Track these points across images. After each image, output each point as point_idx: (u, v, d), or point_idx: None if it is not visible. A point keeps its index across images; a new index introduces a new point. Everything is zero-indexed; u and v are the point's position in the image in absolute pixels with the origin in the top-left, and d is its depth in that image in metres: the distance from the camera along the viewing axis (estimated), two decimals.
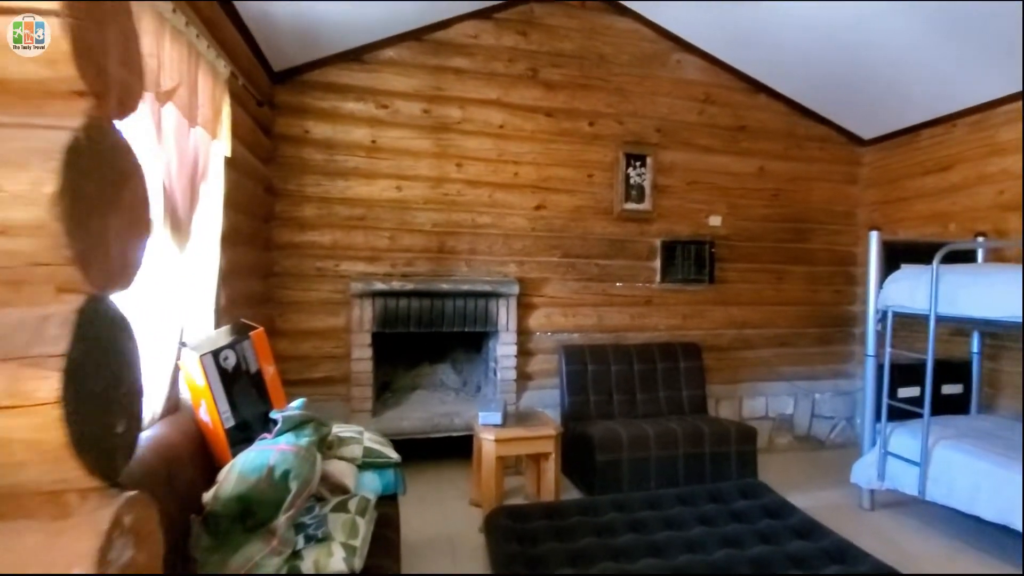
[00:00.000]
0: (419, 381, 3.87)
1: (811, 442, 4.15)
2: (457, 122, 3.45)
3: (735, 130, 3.96)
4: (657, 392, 3.59)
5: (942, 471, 2.68)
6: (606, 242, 3.74)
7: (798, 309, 4.14)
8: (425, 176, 3.41)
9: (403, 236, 3.39)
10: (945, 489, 2.66)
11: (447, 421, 3.33)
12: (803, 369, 4.16)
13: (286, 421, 1.68)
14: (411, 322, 3.31)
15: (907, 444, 2.88)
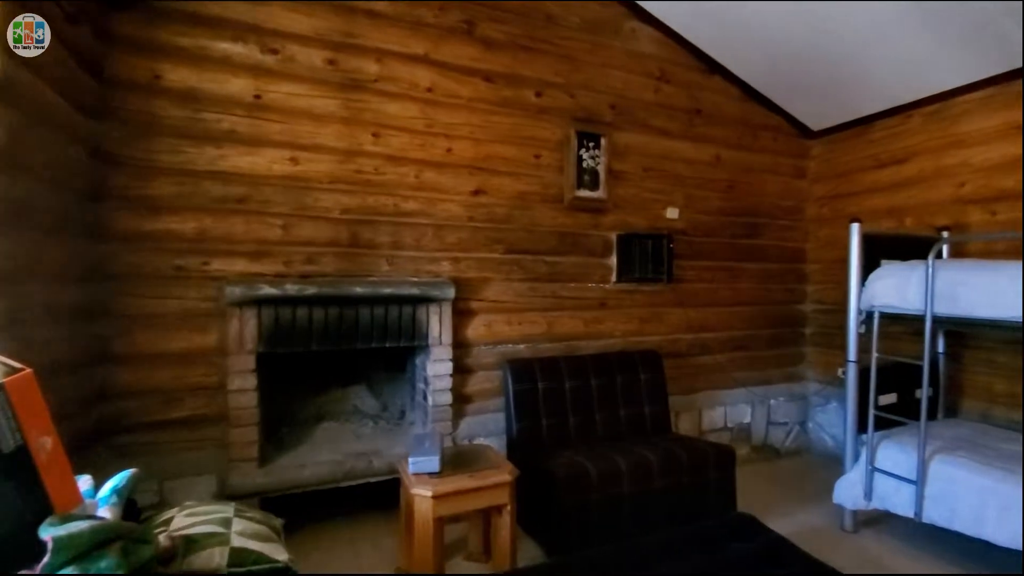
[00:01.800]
0: (327, 410, 3.06)
1: (768, 451, 3.87)
2: (373, 80, 2.70)
3: (691, 113, 3.57)
4: (617, 410, 3.07)
5: (942, 490, 2.39)
6: (556, 235, 3.17)
7: (752, 309, 3.85)
8: (331, 147, 2.62)
9: (301, 225, 2.58)
10: (947, 510, 2.37)
11: (363, 464, 2.57)
12: (758, 373, 3.87)
13: (62, 548, 0.89)
14: (313, 338, 2.51)
15: (897, 459, 2.58)
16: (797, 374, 4.05)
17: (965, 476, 2.34)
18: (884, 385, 2.78)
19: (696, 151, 3.59)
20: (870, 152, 3.66)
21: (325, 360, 2.93)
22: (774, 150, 3.91)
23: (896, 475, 2.55)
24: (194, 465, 2.36)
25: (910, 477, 2.49)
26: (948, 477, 2.38)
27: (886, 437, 2.70)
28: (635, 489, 2.49)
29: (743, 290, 3.80)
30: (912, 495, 2.48)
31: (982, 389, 3.08)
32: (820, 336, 3.99)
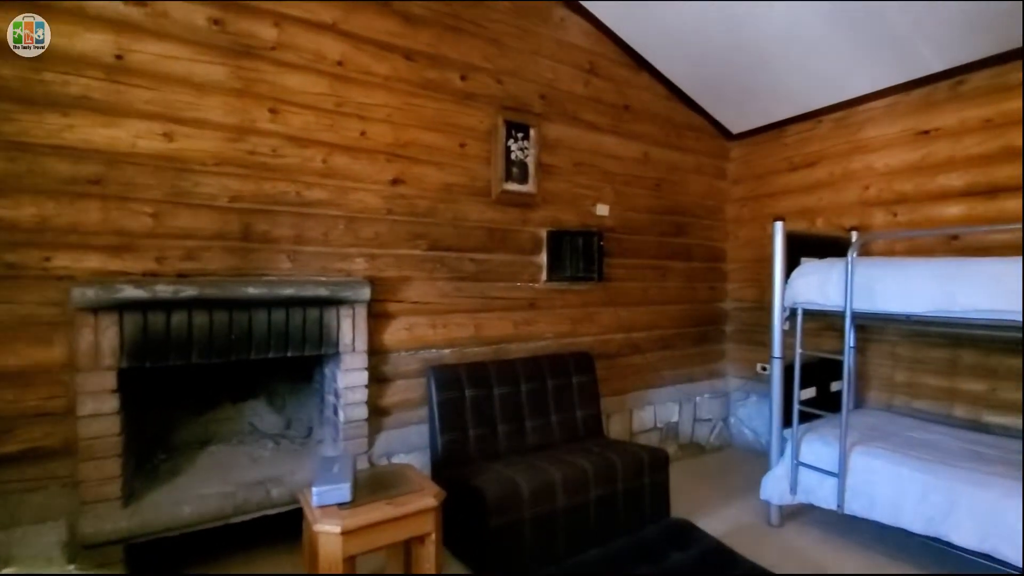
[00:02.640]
0: (216, 430, 2.63)
1: (694, 448, 3.89)
2: (270, 47, 2.32)
3: (620, 109, 3.50)
4: (549, 416, 2.91)
5: (861, 481, 2.45)
6: (484, 231, 2.94)
7: (680, 308, 3.86)
8: (217, 123, 2.22)
9: (178, 214, 2.15)
10: (866, 501, 2.42)
11: (260, 494, 2.20)
12: (684, 371, 3.89)
13: None
14: (195, 348, 2.10)
15: (819, 452, 2.62)
16: (719, 371, 4.13)
17: (882, 467, 2.40)
18: (804, 380, 2.83)
19: (625, 148, 3.52)
20: (784, 155, 3.78)
21: (213, 372, 2.51)
22: (697, 150, 3.95)
23: (820, 469, 2.59)
24: (35, 510, 1.88)
25: (832, 470, 2.53)
26: (867, 468, 2.44)
27: (809, 431, 2.74)
28: (570, 502, 2.33)
29: (671, 289, 3.80)
30: (834, 488, 2.52)
31: (885, 380, 3.25)
32: (740, 333, 4.09)
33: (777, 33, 2.98)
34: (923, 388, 3.08)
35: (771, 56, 3.18)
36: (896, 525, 2.34)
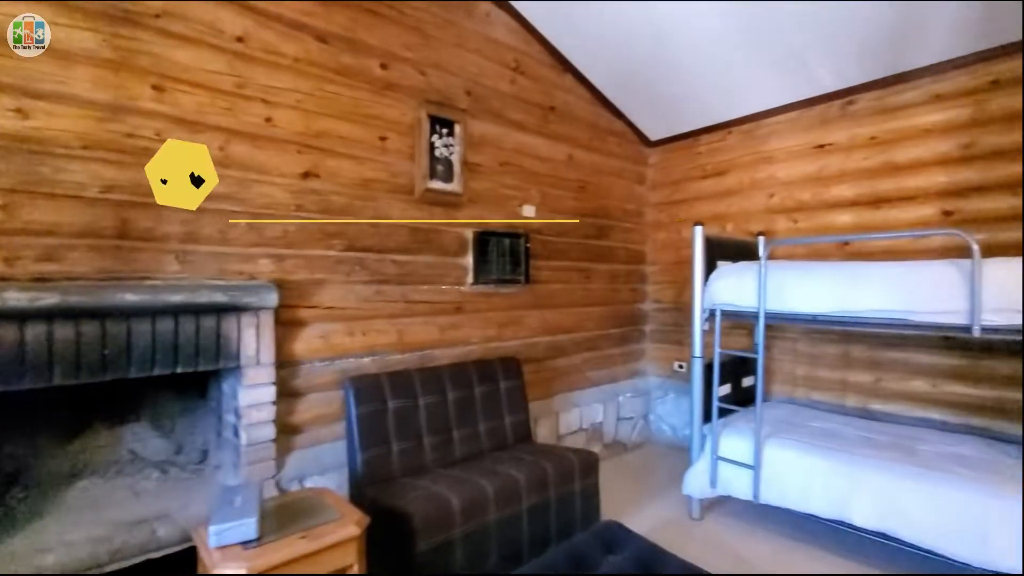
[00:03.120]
0: (88, 460, 2.23)
1: (617, 446, 3.96)
2: (154, 15, 2.00)
3: (546, 110, 3.47)
4: (477, 425, 2.80)
5: (774, 471, 2.58)
6: (407, 231, 2.77)
7: (603, 309, 3.91)
8: (86, 99, 1.87)
9: (34, 205, 1.79)
10: (779, 490, 2.56)
11: (143, 535, 1.88)
12: (608, 372, 3.95)
13: None
14: (57, 367, 1.74)
15: (737, 446, 2.74)
16: (640, 370, 4.24)
17: (792, 457, 2.55)
18: (721, 378, 2.96)
19: (551, 149, 3.50)
20: (698, 163, 3.96)
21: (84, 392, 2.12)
22: (619, 155, 4.03)
23: (737, 462, 2.70)
24: None
25: (748, 463, 2.65)
26: (779, 459, 2.58)
27: (726, 426, 2.86)
28: (503, 514, 2.23)
29: (595, 291, 3.83)
30: (751, 479, 2.64)
31: (788, 374, 3.50)
32: (659, 333, 4.23)
33: (693, 46, 3.09)
34: (820, 381, 3.34)
35: (687, 68, 3.30)
36: (805, 511, 2.49)
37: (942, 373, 2.86)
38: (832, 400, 3.28)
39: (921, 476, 2.22)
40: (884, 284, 2.21)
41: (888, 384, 3.06)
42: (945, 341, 2.83)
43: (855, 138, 3.16)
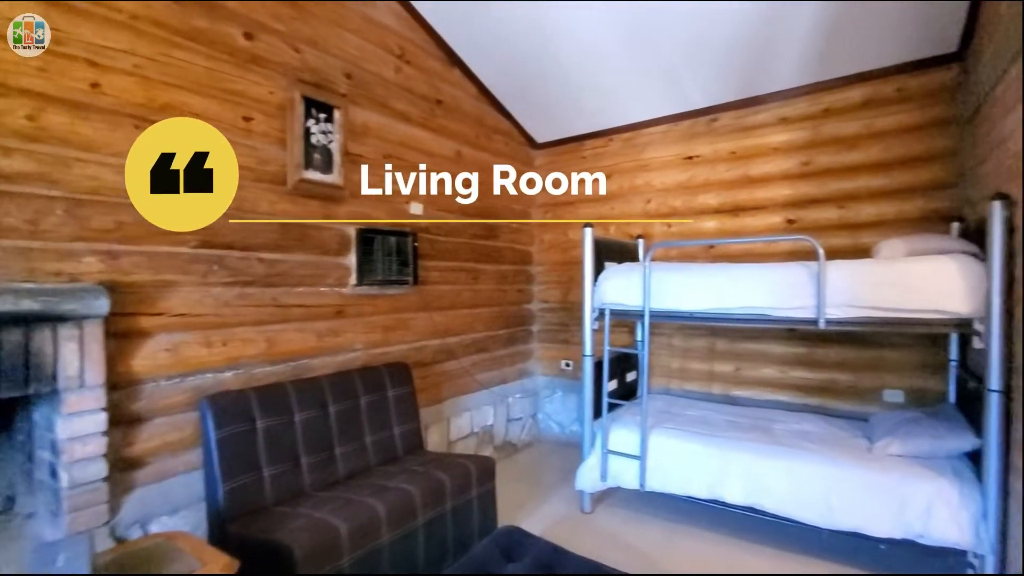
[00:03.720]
0: None
1: (507, 448, 3.95)
2: None
3: (432, 103, 3.32)
4: (363, 438, 2.57)
5: (658, 460, 2.73)
6: (277, 226, 2.45)
7: (492, 310, 3.87)
8: None
9: None
10: (662, 477, 2.71)
11: None
12: (497, 373, 3.91)
13: None
14: None
15: (624, 439, 2.85)
16: (528, 370, 4.27)
17: (674, 445, 2.71)
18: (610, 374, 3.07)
19: (438, 144, 3.36)
20: (582, 167, 4.10)
21: None
22: (506, 154, 4.02)
23: (625, 454, 2.81)
24: None
25: (635, 454, 2.77)
26: (662, 448, 2.74)
27: (614, 420, 2.97)
28: (397, 533, 2.05)
29: (483, 292, 3.77)
30: (638, 469, 2.76)
31: (664, 368, 3.75)
32: (546, 333, 4.30)
33: (580, 53, 3.17)
34: (691, 372, 3.63)
35: (574, 73, 3.38)
36: (686, 495, 2.66)
37: (788, 361, 3.27)
38: (701, 389, 3.58)
39: (779, 454, 2.48)
40: (750, 284, 2.44)
41: (746, 372, 3.42)
42: (790, 332, 3.23)
43: (718, 152, 3.49)
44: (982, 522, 2.03)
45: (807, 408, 3.19)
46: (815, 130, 3.16)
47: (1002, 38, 2.07)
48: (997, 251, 1.97)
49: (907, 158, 2.92)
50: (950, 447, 2.26)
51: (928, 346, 2.87)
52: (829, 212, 3.12)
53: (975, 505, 2.06)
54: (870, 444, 2.50)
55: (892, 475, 2.23)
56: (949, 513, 2.09)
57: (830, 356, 3.14)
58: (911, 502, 2.16)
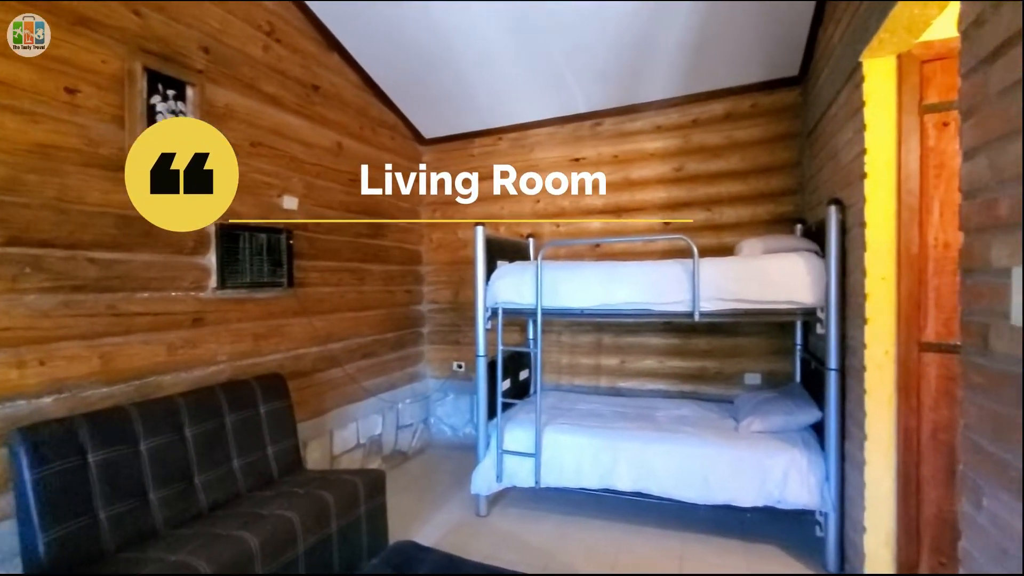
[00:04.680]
0: None
1: (398, 457, 3.76)
2: None
3: (308, 88, 3.05)
4: (230, 462, 2.26)
5: (552, 456, 2.76)
6: (114, 219, 2.06)
7: (379, 313, 3.66)
8: None
9: None
10: (556, 472, 2.75)
11: None
12: (385, 379, 3.71)
13: None
14: None
15: (519, 438, 2.85)
16: (419, 374, 4.12)
17: (566, 440, 2.76)
18: (504, 373, 3.05)
19: (316, 134, 3.09)
20: (472, 165, 4.04)
21: None
22: (392, 149, 3.83)
23: (520, 452, 2.80)
24: None
25: (530, 451, 2.77)
26: (555, 444, 2.77)
27: (508, 420, 2.95)
28: (275, 566, 1.82)
29: (369, 293, 3.56)
30: (532, 467, 2.77)
31: (554, 364, 3.83)
32: (436, 334, 4.18)
33: (470, 49, 3.11)
34: (580, 367, 3.75)
35: (464, 70, 3.32)
36: (579, 487, 2.72)
37: (666, 352, 3.51)
38: (589, 383, 3.71)
39: (662, 439, 2.64)
40: (634, 281, 2.56)
41: (630, 364, 3.61)
42: (666, 325, 3.47)
43: (602, 156, 3.64)
44: (826, 484, 2.33)
45: (683, 394, 3.44)
46: (685, 139, 3.43)
47: (835, 64, 2.39)
48: (834, 249, 2.26)
49: (760, 167, 3.28)
50: (800, 421, 2.56)
51: (778, 334, 3.25)
52: (698, 214, 3.40)
53: (820, 470, 2.35)
54: (736, 424, 2.76)
55: (756, 450, 2.47)
56: (800, 479, 2.36)
57: (700, 346, 3.42)
58: (771, 473, 2.40)
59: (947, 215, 1.94)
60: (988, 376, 1.18)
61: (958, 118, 2.02)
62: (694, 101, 3.38)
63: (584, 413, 3.10)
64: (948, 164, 1.93)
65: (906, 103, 1.96)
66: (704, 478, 2.49)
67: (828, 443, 2.31)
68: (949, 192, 1.94)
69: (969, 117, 1.26)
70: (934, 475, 1.96)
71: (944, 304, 1.94)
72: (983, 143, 1.21)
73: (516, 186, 3.88)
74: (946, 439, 1.95)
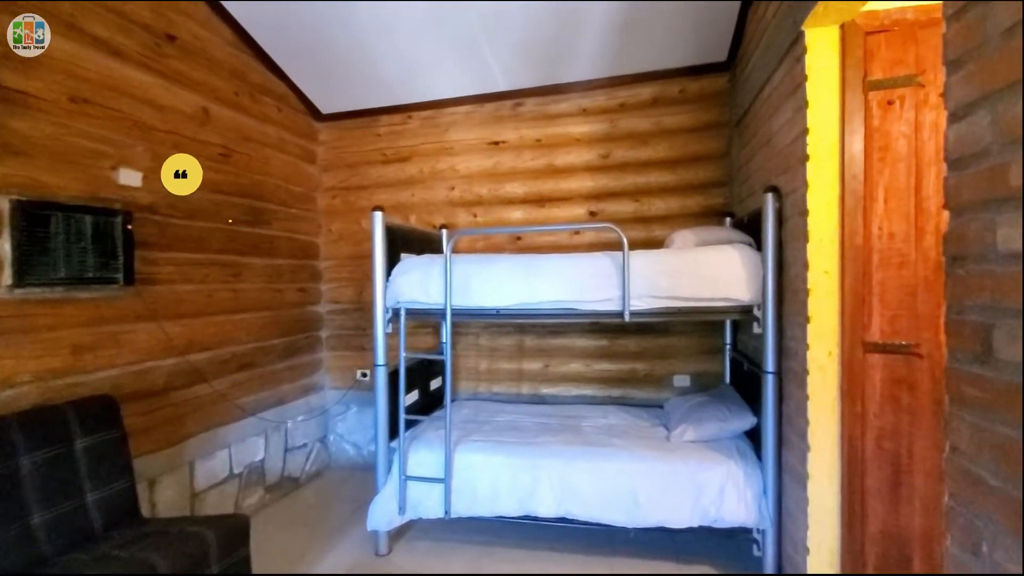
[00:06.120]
0: None
1: (287, 484, 3.20)
2: None
3: (161, 37, 2.44)
4: (26, 519, 1.66)
5: (464, 479, 2.38)
6: None
7: (262, 316, 3.08)
8: None
9: None
10: (469, 499, 2.37)
11: None
12: (271, 394, 3.14)
13: None
14: None
15: (426, 461, 2.43)
16: (315, 385, 3.57)
17: (481, 461, 2.39)
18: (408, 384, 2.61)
19: (172, 95, 2.49)
20: (378, 147, 3.56)
21: None
22: (280, 123, 3.27)
23: (427, 478, 2.39)
24: None
25: (439, 476, 2.37)
26: (468, 466, 2.39)
27: (414, 440, 2.52)
28: None
29: (249, 292, 2.98)
30: (442, 495, 2.37)
31: (471, 370, 3.44)
32: (337, 339, 3.65)
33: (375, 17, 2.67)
34: (500, 372, 3.39)
35: (369, 39, 2.86)
36: (496, 515, 2.36)
37: (592, 354, 3.24)
38: (511, 390, 3.36)
39: (587, 455, 2.33)
40: (558, 275, 2.23)
41: (554, 369, 3.30)
42: (593, 325, 3.20)
43: (524, 139, 3.30)
44: (763, 498, 2.12)
45: (611, 400, 3.19)
46: (612, 124, 3.17)
47: (769, 42, 2.19)
48: (771, 240, 2.06)
49: (689, 157, 3.09)
50: (734, 428, 2.36)
51: (708, 332, 3.08)
52: (626, 205, 3.15)
53: (758, 483, 2.14)
54: (668, 433, 2.52)
55: (690, 463, 2.23)
56: (737, 494, 2.14)
57: (629, 347, 3.18)
58: (706, 488, 2.17)
59: (892, 202, 1.77)
60: (990, 390, 0.94)
61: (903, 96, 1.92)
62: (621, 84, 3.13)
63: (503, 426, 2.74)
64: (892, 147, 1.77)
65: (850, 79, 1.78)
66: (634, 498, 2.21)
67: (766, 453, 2.11)
68: (893, 177, 1.77)
69: (958, 68, 1.02)
70: (879, 487, 1.80)
71: (889, 300, 1.77)
72: (981, 97, 0.96)
73: (428, 171, 3.46)
74: (891, 447, 1.79)
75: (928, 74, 1.73)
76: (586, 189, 3.21)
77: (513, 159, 3.32)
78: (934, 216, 1.73)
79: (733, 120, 2.93)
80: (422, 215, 3.48)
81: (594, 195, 3.20)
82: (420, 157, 3.48)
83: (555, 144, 3.25)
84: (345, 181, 3.62)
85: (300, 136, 3.47)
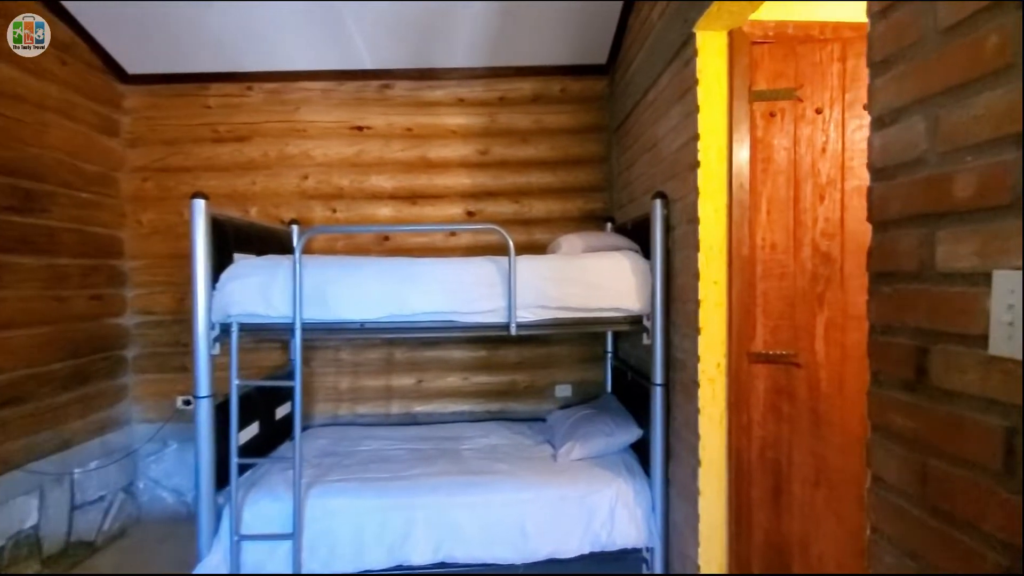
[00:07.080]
0: None
1: (76, 553, 2.43)
2: None
3: None
4: None
5: (320, 530, 1.96)
6: None
7: (36, 333, 2.29)
8: None
9: None
10: (326, 553, 1.95)
11: None
12: (49, 436, 2.36)
13: None
14: None
15: (268, 513, 1.97)
16: (116, 419, 2.79)
17: (341, 505, 1.99)
18: (245, 417, 2.10)
19: None
20: (208, 120, 2.91)
21: None
22: (66, 81, 2.48)
23: (270, 536, 1.91)
24: None
25: (286, 531, 1.91)
26: (325, 512, 1.98)
27: (253, 486, 2.02)
28: None
29: (14, 302, 2.18)
30: (290, 553, 1.91)
31: (331, 389, 2.97)
32: (148, 359, 2.89)
33: None
34: (365, 391, 2.97)
35: None
36: (360, 570, 1.96)
37: (470, 366, 2.97)
38: (378, 411, 2.96)
39: (468, 488, 2.07)
40: (434, 284, 1.92)
41: (429, 384, 2.97)
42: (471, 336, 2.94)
43: (393, 126, 2.93)
44: (652, 515, 2.04)
45: (491, 415, 2.96)
46: (492, 118, 2.95)
47: (656, 43, 2.13)
48: (659, 247, 1.99)
49: (570, 159, 2.98)
50: (620, 442, 2.27)
51: (588, 340, 3.00)
52: (505, 206, 2.95)
53: (646, 501, 2.06)
54: (554, 451, 2.35)
55: (579, 485, 2.08)
56: (628, 514, 2.04)
57: (510, 357, 2.98)
58: (597, 511, 2.04)
59: (774, 214, 1.79)
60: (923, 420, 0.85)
61: (783, 109, 1.96)
62: (501, 75, 2.92)
63: (368, 458, 2.35)
64: (774, 158, 1.79)
65: (737, 87, 1.75)
66: (522, 530, 1.99)
67: (654, 469, 2.03)
68: (775, 189, 1.79)
69: (886, 70, 0.94)
70: (763, 497, 1.80)
71: (771, 310, 1.78)
72: (915, 101, 0.87)
73: (275, 155, 2.91)
74: (772, 457, 1.80)
75: (806, 88, 1.78)
76: (463, 187, 2.94)
77: (380, 148, 2.92)
78: (810, 229, 1.78)
79: (612, 125, 2.89)
80: (266, 207, 2.91)
81: (472, 193, 2.94)
82: (263, 138, 2.91)
83: (429, 135, 2.93)
84: (161, 160, 2.89)
85: (95, 100, 2.68)
